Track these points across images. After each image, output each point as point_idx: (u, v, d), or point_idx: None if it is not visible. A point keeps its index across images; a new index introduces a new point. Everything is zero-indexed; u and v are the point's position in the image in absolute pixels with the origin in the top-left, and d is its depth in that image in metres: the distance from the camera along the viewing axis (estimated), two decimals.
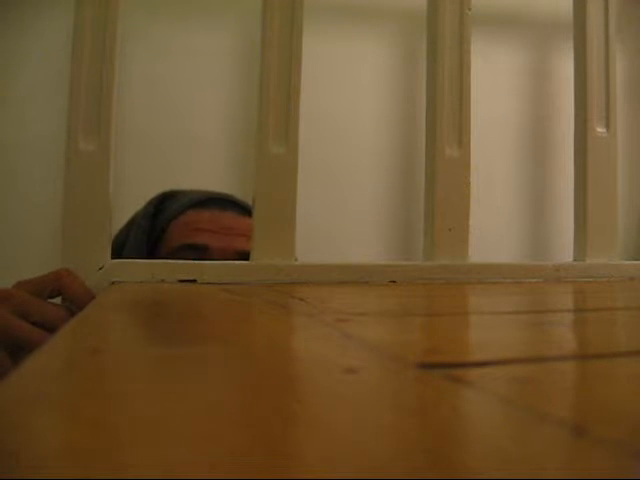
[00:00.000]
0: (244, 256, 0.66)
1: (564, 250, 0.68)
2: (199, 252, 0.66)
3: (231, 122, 1.04)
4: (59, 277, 0.41)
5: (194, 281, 0.45)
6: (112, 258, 0.45)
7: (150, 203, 0.74)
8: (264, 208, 0.48)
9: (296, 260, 0.50)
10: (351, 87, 1.13)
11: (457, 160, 0.53)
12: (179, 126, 1.04)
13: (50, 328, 0.37)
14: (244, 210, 0.72)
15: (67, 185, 0.45)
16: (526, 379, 0.16)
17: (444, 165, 0.52)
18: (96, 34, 0.45)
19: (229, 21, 1.08)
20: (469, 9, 0.54)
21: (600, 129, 0.58)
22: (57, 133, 0.62)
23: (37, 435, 0.11)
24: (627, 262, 0.58)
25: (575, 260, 0.57)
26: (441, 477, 0.09)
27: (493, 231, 1.14)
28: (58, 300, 0.42)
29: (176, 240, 0.68)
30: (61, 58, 0.83)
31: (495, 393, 0.14)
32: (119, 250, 0.71)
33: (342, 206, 1.12)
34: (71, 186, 0.45)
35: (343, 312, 0.31)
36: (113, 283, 0.44)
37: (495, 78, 1.16)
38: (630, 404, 0.14)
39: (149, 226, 0.71)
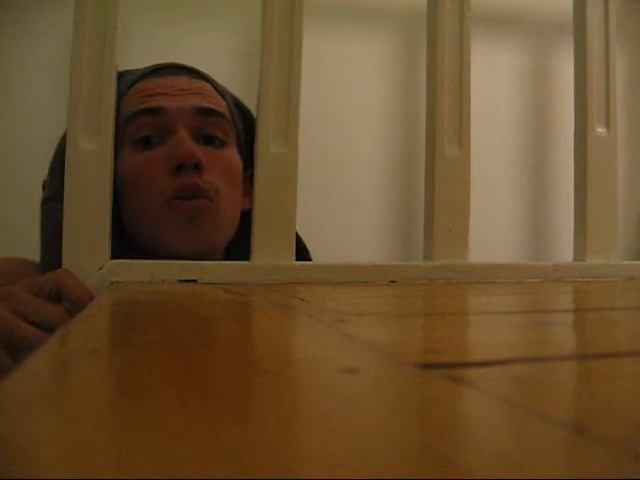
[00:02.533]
0: (202, 112, 0.62)
1: (564, 250, 0.68)
2: (155, 115, 0.61)
3: None
4: (58, 277, 0.41)
5: (194, 281, 0.45)
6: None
7: None
8: (264, 208, 0.48)
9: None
10: (351, 87, 1.13)
11: (457, 160, 0.53)
12: None
13: (48, 328, 0.37)
14: (198, 75, 0.68)
15: (67, 185, 0.45)
16: (526, 379, 0.16)
17: (444, 165, 0.52)
18: (96, 34, 0.45)
19: (229, 21, 1.08)
20: (469, 9, 0.54)
21: (600, 129, 0.58)
22: (57, 133, 0.62)
23: (37, 435, 0.11)
24: (627, 262, 0.58)
25: (575, 260, 0.57)
26: (441, 477, 0.09)
27: (493, 231, 1.14)
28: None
29: (129, 110, 0.63)
30: (61, 58, 0.83)
31: (495, 393, 0.14)
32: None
33: (342, 206, 1.12)
34: (71, 186, 0.45)
35: (343, 312, 0.31)
36: (113, 283, 0.44)
37: (495, 78, 1.16)
38: (630, 404, 0.14)
39: None
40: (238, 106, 0.71)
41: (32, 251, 0.66)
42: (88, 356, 0.18)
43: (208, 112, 0.63)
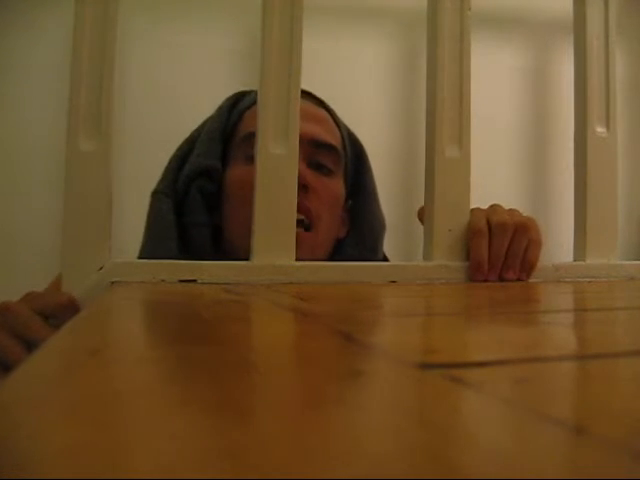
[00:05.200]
0: (316, 145, 0.65)
1: (564, 250, 0.68)
2: None
3: None
4: (61, 304, 0.40)
5: (194, 281, 0.45)
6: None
7: (224, 103, 0.72)
8: (264, 208, 0.48)
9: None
10: (351, 87, 1.13)
11: (457, 160, 0.53)
12: (179, 126, 1.04)
13: None
14: (320, 102, 0.70)
15: (67, 185, 0.45)
16: (526, 379, 0.16)
17: (444, 165, 0.52)
18: (96, 34, 0.45)
19: (229, 21, 1.08)
20: (469, 9, 0.54)
21: (600, 129, 0.58)
22: (57, 133, 0.62)
23: (37, 435, 0.11)
24: (627, 262, 0.58)
25: (575, 260, 0.57)
26: (441, 477, 0.09)
27: None
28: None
29: (245, 128, 0.66)
30: (61, 58, 0.83)
31: (495, 393, 0.14)
32: (189, 146, 0.69)
33: None
34: (71, 186, 0.45)
35: (343, 312, 0.31)
36: (113, 283, 0.44)
37: (495, 78, 1.16)
38: (630, 404, 0.14)
39: (225, 119, 0.69)
40: (350, 136, 0.74)
41: (32, 252, 0.66)
42: (88, 356, 0.18)
43: (321, 145, 0.66)
